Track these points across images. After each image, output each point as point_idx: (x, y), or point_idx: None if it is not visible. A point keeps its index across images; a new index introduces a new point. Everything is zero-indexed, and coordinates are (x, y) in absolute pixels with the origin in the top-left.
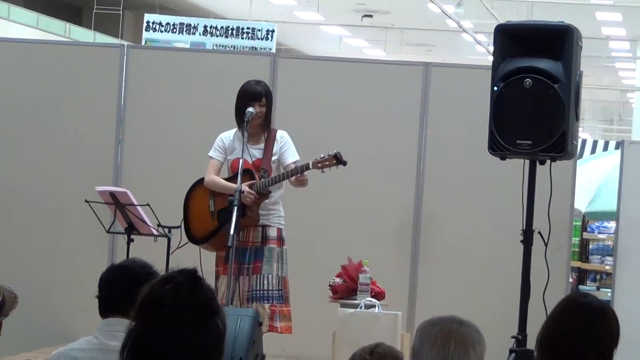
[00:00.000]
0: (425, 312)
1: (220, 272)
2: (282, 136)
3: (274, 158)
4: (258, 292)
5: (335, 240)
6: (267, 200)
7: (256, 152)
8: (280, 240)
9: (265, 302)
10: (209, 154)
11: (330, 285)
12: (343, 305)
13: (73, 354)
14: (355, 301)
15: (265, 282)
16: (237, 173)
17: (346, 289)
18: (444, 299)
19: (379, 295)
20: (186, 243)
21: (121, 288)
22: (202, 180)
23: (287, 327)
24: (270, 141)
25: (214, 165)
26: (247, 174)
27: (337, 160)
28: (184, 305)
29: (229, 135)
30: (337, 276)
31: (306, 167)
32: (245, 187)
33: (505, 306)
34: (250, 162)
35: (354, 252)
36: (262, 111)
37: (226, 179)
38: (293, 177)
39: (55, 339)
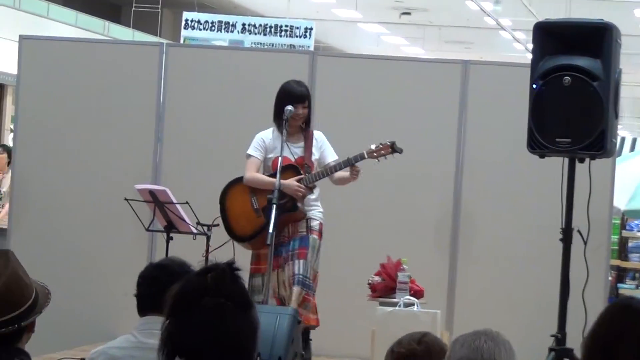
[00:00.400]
0: (464, 310)
1: (265, 270)
2: (320, 136)
3: (314, 157)
4: (301, 277)
5: (373, 239)
6: (309, 196)
7: (297, 150)
8: (320, 233)
9: (309, 291)
10: (249, 152)
11: (369, 284)
12: (382, 304)
13: (112, 352)
14: (394, 299)
15: (308, 269)
16: (282, 168)
17: (385, 288)
18: (483, 297)
19: (417, 293)
20: (228, 241)
21: (159, 286)
22: (237, 180)
23: (315, 319)
24: (309, 140)
25: (254, 163)
26: (292, 169)
27: (393, 148)
28: (226, 293)
29: (267, 134)
30: (376, 274)
31: (361, 157)
32: (294, 182)
33: (545, 305)
34: (292, 160)
35: (393, 251)
36: (304, 113)
37: (271, 175)
38: (347, 175)
39: (94, 337)
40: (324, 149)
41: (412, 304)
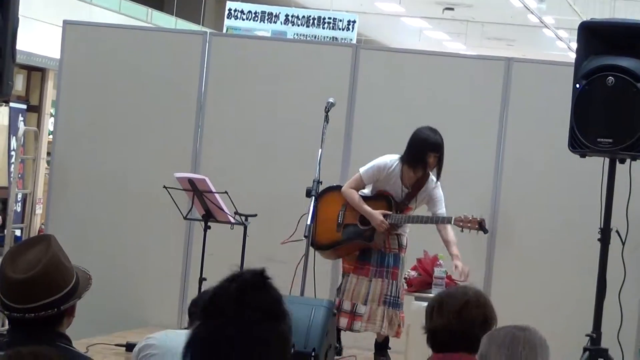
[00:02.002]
0: (499, 307)
1: (350, 270)
2: (430, 186)
3: (413, 203)
4: (394, 299)
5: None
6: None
7: (403, 195)
8: (406, 248)
9: (398, 309)
10: (361, 171)
11: (405, 278)
12: (417, 299)
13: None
14: (430, 294)
15: (399, 290)
16: (378, 195)
17: (421, 282)
18: (519, 294)
19: None
20: (292, 235)
21: None
22: (337, 187)
23: (400, 332)
24: (421, 184)
25: (359, 182)
26: (385, 200)
27: (480, 226)
28: (248, 304)
29: (389, 165)
30: (413, 269)
31: (447, 221)
32: (380, 216)
33: (581, 305)
34: (394, 200)
35: (430, 247)
36: (434, 161)
37: (366, 197)
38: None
39: (130, 323)
40: (429, 200)
41: None
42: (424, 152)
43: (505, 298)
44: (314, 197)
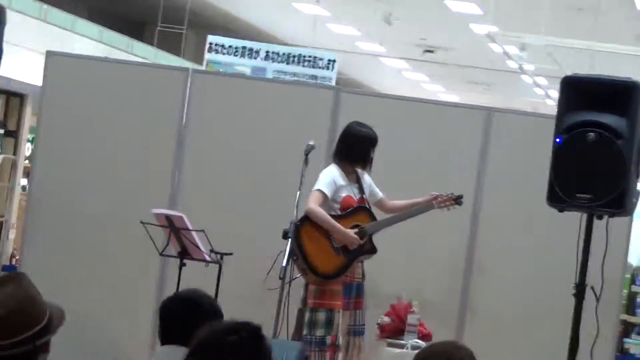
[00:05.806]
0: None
1: (336, 306)
2: (365, 174)
3: (365, 196)
4: (359, 327)
5: (385, 280)
6: None
7: (355, 190)
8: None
9: (362, 335)
10: (320, 189)
11: (378, 324)
12: (390, 345)
13: None
14: (402, 341)
15: (364, 316)
16: (351, 210)
17: (394, 329)
18: (491, 345)
19: (426, 337)
20: (297, 277)
21: (187, 321)
22: (305, 218)
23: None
24: (360, 180)
25: (322, 199)
26: (365, 211)
27: (456, 201)
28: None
29: (336, 174)
30: (386, 315)
31: (431, 207)
32: (353, 235)
33: (553, 358)
34: (355, 199)
35: (404, 292)
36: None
37: (341, 216)
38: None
39: (102, 358)
40: (371, 185)
41: (420, 347)
42: (368, 149)
43: (477, 345)
44: (290, 239)
